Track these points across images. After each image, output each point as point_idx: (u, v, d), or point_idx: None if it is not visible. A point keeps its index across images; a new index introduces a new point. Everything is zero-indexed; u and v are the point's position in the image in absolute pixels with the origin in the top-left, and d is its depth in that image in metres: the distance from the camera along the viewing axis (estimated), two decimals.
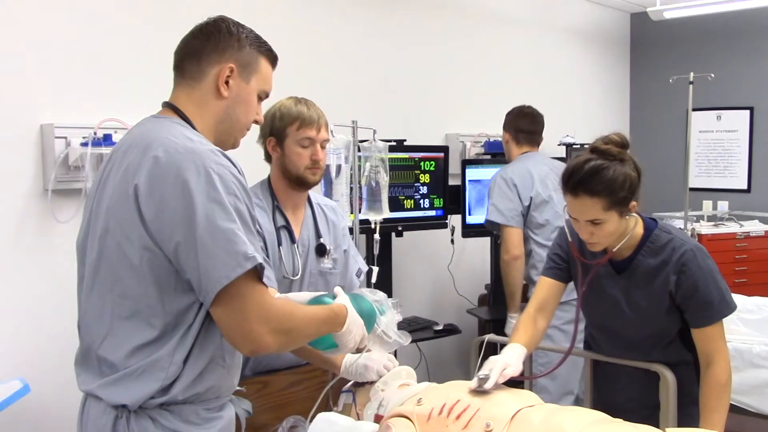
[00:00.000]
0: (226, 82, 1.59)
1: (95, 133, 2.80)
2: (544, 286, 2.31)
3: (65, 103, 2.87)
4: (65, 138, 2.82)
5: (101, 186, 1.58)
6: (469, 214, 4.16)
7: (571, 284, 2.36)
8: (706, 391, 2.08)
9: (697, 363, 2.15)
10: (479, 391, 1.83)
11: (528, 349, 2.14)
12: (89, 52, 2.92)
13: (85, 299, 1.58)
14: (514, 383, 1.98)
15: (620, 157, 2.03)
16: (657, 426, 1.71)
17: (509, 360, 1.99)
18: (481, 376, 1.87)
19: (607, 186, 1.99)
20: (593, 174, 1.99)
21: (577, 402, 3.49)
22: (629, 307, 2.18)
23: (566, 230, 2.24)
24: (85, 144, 2.80)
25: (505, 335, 2.95)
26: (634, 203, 2.05)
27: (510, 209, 3.52)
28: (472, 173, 4.16)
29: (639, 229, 2.14)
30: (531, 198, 3.55)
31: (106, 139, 2.81)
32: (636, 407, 2.07)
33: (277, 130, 2.28)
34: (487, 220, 3.63)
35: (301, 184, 2.31)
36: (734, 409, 3.38)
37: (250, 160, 2.00)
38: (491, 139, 4.55)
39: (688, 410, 2.14)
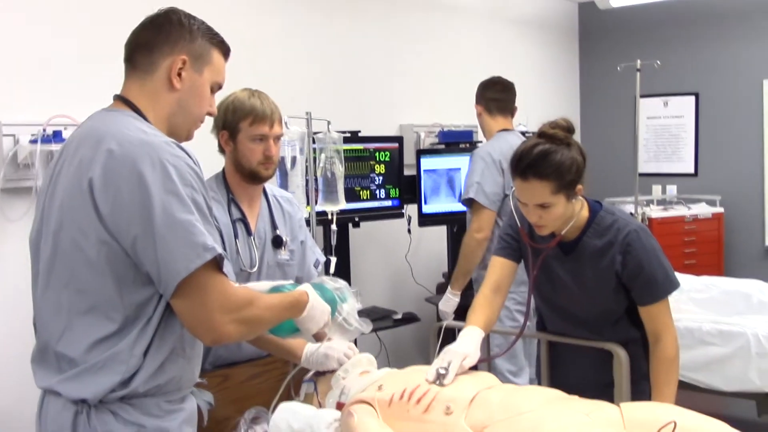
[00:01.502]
0: (179, 74, 1.58)
1: (44, 130, 2.76)
2: (498, 265, 2.33)
3: (13, 100, 2.82)
4: (13, 136, 2.77)
5: (53, 181, 1.56)
6: (425, 204, 4.19)
7: (521, 269, 2.40)
8: (656, 367, 2.14)
9: (645, 340, 2.22)
10: (441, 385, 1.84)
11: (485, 331, 2.17)
12: (37, 48, 2.87)
13: (40, 296, 1.56)
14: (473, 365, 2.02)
15: (567, 141, 2.07)
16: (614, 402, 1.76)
17: (468, 350, 2.01)
18: (440, 371, 1.89)
19: (556, 170, 2.03)
20: (542, 158, 2.03)
21: (533, 382, 3.55)
22: (578, 288, 2.24)
23: (515, 215, 2.28)
24: (34, 141, 2.75)
25: (463, 320, 2.97)
26: (580, 187, 2.10)
27: (495, 193, 3.47)
28: (427, 163, 4.19)
29: (585, 212, 2.20)
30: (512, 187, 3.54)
31: (56, 136, 2.77)
32: (589, 386, 2.12)
33: (230, 124, 2.27)
34: (466, 198, 3.53)
35: (254, 178, 2.30)
36: (685, 386, 3.48)
37: (205, 152, 1.99)
38: (445, 129, 4.59)
39: (639, 386, 2.20)
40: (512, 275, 2.35)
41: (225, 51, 1.68)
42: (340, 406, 1.96)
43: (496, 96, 3.67)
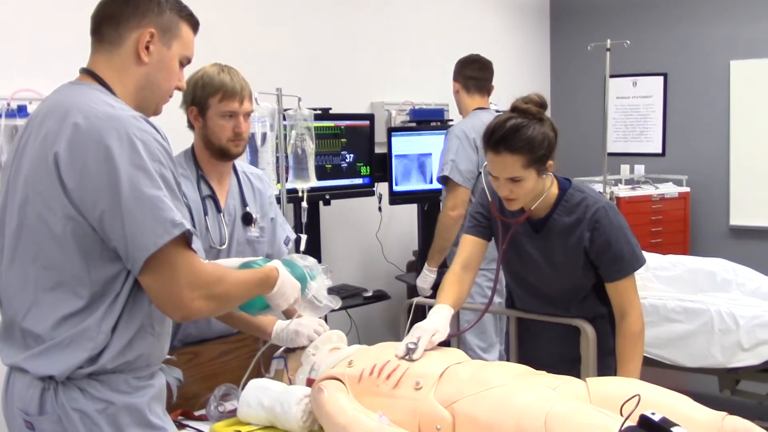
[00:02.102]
0: (147, 48, 1.56)
1: (8, 105, 2.71)
2: (468, 243, 2.36)
3: None
4: None
5: (18, 156, 1.53)
6: (396, 184, 4.19)
7: (492, 247, 2.42)
8: (621, 342, 2.18)
9: (611, 316, 2.26)
10: (410, 360, 1.87)
11: (455, 308, 2.20)
12: (0, 21, 2.81)
13: (5, 272, 1.54)
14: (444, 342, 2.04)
15: (539, 116, 2.10)
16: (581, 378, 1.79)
17: (437, 326, 2.04)
18: (410, 346, 1.91)
19: (527, 143, 2.05)
20: (514, 131, 2.05)
21: (502, 358, 3.60)
22: (547, 264, 2.26)
23: (486, 190, 2.29)
24: None
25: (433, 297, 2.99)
26: (551, 162, 2.13)
27: (470, 171, 3.49)
28: (397, 141, 4.18)
29: (554, 189, 2.22)
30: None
31: (21, 111, 2.72)
32: (556, 362, 2.16)
33: (199, 100, 2.24)
34: (441, 176, 3.55)
35: (224, 155, 2.28)
36: (651, 362, 3.55)
37: (174, 127, 1.97)
38: (416, 107, 4.59)
39: (605, 361, 2.24)
40: (482, 253, 2.37)
41: (194, 24, 1.65)
42: (310, 382, 1.97)
43: (474, 74, 3.68)
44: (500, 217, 2.26)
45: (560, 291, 2.30)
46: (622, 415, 1.44)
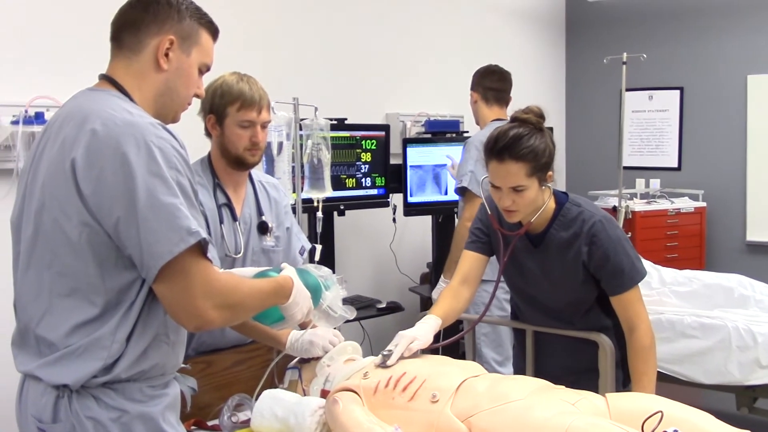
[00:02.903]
0: (166, 55, 1.55)
1: (26, 111, 2.72)
2: (468, 259, 2.37)
3: None
4: None
5: (36, 161, 1.53)
6: (411, 195, 4.18)
7: (494, 262, 2.42)
8: (633, 357, 2.17)
9: (617, 328, 2.24)
10: (384, 366, 1.88)
11: (444, 320, 2.20)
12: (19, 28, 2.82)
13: (21, 278, 1.53)
14: (434, 351, 2.08)
15: (539, 126, 2.13)
16: (587, 390, 1.77)
17: (418, 333, 2.05)
18: (385, 353, 1.92)
19: (531, 151, 2.08)
20: (518, 139, 2.08)
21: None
22: (546, 279, 2.26)
23: (485, 204, 2.29)
24: (15, 122, 2.71)
25: None
26: (550, 173, 2.15)
27: (487, 182, 3.49)
28: (413, 152, 4.17)
29: (551, 203, 2.22)
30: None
31: (38, 118, 2.73)
32: (562, 374, 2.14)
33: (217, 108, 2.25)
34: (459, 187, 3.54)
35: (240, 164, 2.28)
36: (667, 378, 3.51)
37: (191, 135, 1.96)
38: (432, 119, 4.58)
39: (613, 374, 2.23)
40: (482, 268, 2.37)
41: (214, 32, 1.65)
42: (324, 393, 1.95)
43: (494, 85, 3.65)
44: (500, 229, 2.25)
45: (562, 305, 2.29)
46: (643, 431, 1.41)
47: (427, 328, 2.11)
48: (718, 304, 3.82)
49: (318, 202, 3.01)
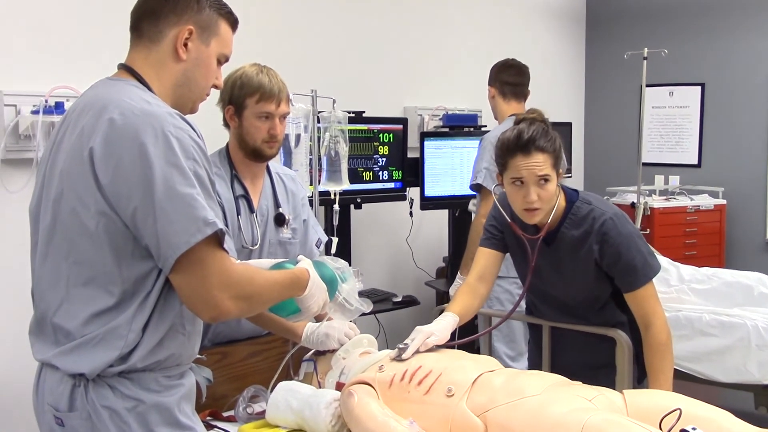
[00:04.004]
0: (185, 45, 1.55)
1: (46, 101, 2.73)
2: (483, 256, 2.37)
3: (14, 70, 2.79)
4: (15, 106, 2.75)
5: (54, 149, 1.53)
6: (428, 189, 4.15)
7: (508, 260, 2.42)
8: (650, 354, 2.15)
9: (632, 324, 2.23)
10: (399, 360, 1.89)
11: (461, 318, 2.20)
12: (39, 18, 2.83)
13: (39, 266, 1.54)
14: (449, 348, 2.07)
15: (548, 125, 2.16)
16: (603, 385, 1.76)
17: (435, 329, 2.05)
18: (401, 346, 1.93)
19: (553, 143, 2.11)
20: (540, 133, 2.10)
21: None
22: (559, 277, 2.26)
23: (501, 210, 2.30)
24: (35, 112, 2.73)
25: None
26: (561, 171, 2.16)
27: (499, 188, 3.47)
28: (430, 146, 4.16)
29: (562, 201, 2.21)
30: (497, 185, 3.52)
31: (58, 107, 2.74)
32: (578, 369, 2.12)
33: (236, 99, 2.24)
34: (474, 184, 3.52)
35: (258, 156, 2.28)
36: (685, 377, 3.48)
37: (210, 126, 1.96)
38: (449, 112, 4.56)
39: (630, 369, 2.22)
40: (497, 265, 2.38)
41: (233, 23, 1.65)
42: (339, 386, 1.95)
43: (511, 80, 3.59)
44: (524, 235, 2.24)
45: (576, 301, 2.29)
46: (661, 429, 1.40)
47: (444, 324, 2.11)
48: (737, 302, 3.78)
49: (335, 194, 3.00)
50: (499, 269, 2.39)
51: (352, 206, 3.86)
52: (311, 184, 3.10)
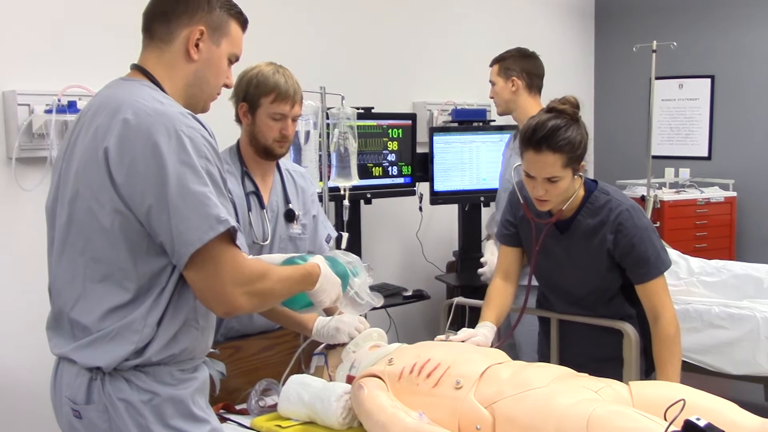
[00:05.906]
0: (196, 45, 1.58)
1: (59, 100, 2.76)
2: (504, 254, 2.43)
3: (28, 69, 2.82)
4: (28, 105, 2.77)
5: (70, 149, 1.57)
6: (437, 184, 4.17)
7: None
8: (658, 346, 2.17)
9: (640, 317, 2.26)
10: (445, 341, 1.99)
11: (497, 323, 2.29)
12: (52, 17, 2.87)
13: (55, 263, 1.58)
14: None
15: (575, 117, 2.13)
16: (611, 377, 1.78)
17: (479, 332, 2.16)
18: (449, 331, 2.04)
19: (569, 143, 2.08)
20: (556, 131, 2.08)
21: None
22: (571, 265, 2.28)
23: (517, 192, 2.32)
24: (49, 111, 2.76)
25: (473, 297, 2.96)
26: (583, 163, 2.17)
27: (520, 170, 3.41)
28: (439, 141, 4.17)
29: (581, 191, 2.23)
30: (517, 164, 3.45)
31: (71, 106, 2.77)
32: (586, 361, 2.15)
33: (251, 98, 2.26)
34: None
35: (268, 154, 2.30)
36: (694, 369, 3.49)
37: (220, 123, 1.99)
38: (458, 107, 4.57)
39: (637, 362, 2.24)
40: (519, 260, 2.43)
41: (243, 23, 1.67)
42: (350, 379, 1.98)
43: (537, 71, 3.16)
44: (534, 219, 2.27)
45: (585, 292, 2.31)
46: (666, 419, 1.42)
47: (486, 332, 2.19)
48: (747, 294, 3.79)
49: (345, 190, 3.03)
50: (522, 264, 2.44)
51: (362, 202, 3.88)
52: (321, 180, 3.12)
